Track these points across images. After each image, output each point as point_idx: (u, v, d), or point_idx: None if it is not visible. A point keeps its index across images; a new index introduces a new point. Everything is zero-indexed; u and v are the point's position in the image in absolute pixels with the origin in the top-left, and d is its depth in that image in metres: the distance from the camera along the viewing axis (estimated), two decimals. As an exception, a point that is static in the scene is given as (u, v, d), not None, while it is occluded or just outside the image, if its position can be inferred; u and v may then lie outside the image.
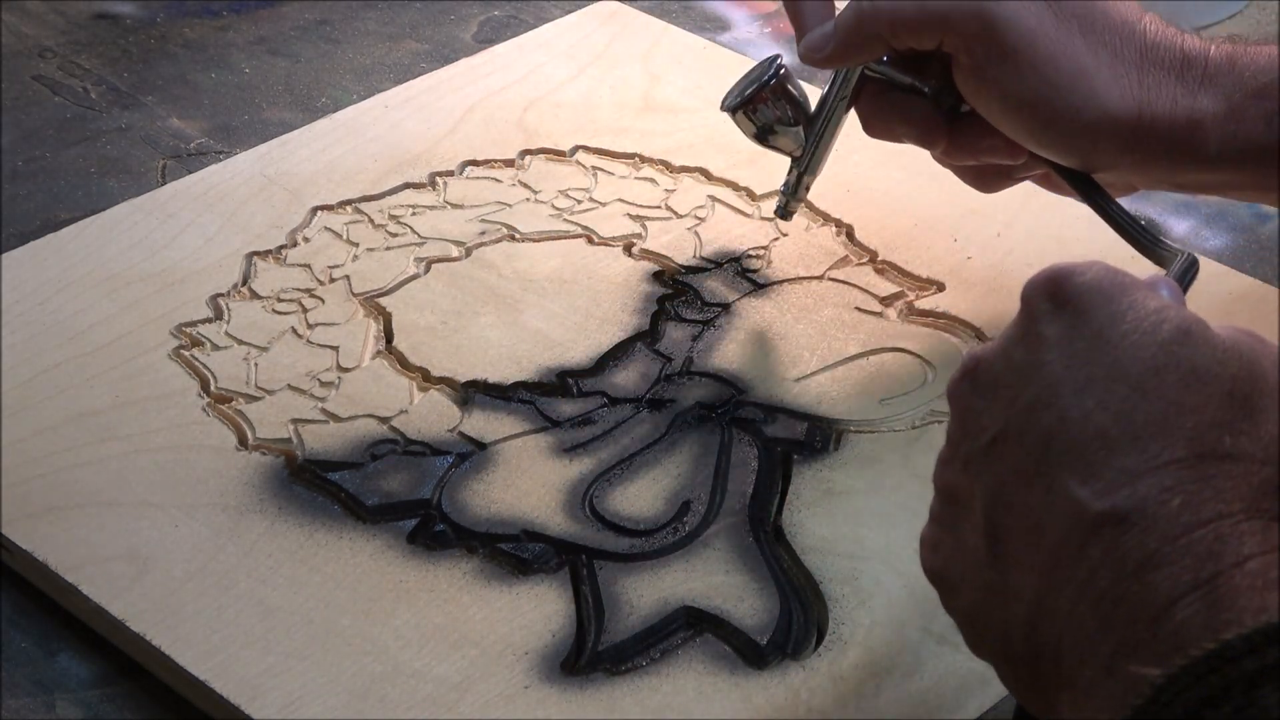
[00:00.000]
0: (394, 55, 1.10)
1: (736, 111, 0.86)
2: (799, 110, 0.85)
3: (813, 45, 0.83)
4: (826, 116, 0.86)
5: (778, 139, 0.86)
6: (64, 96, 1.07)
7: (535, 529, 0.77)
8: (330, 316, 0.87)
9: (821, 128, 0.86)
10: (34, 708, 0.72)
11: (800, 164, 0.87)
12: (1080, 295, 0.59)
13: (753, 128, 0.86)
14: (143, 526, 0.76)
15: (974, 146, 0.83)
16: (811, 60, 0.83)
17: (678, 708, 0.70)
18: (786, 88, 0.85)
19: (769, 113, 0.85)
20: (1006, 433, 0.59)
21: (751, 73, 0.86)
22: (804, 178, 0.88)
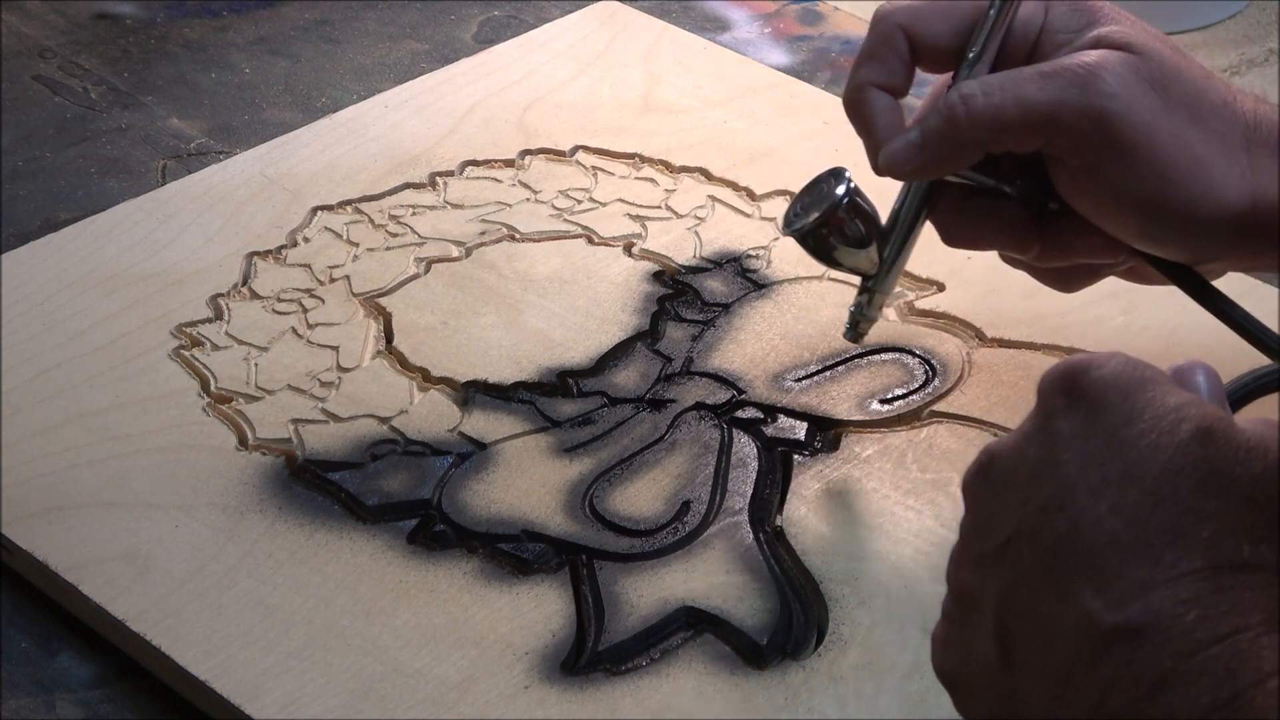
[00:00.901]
0: (394, 55, 1.10)
1: (806, 236, 0.77)
2: (872, 227, 0.77)
3: (898, 159, 0.74)
4: (901, 231, 0.78)
5: (850, 260, 0.77)
6: (64, 96, 1.07)
7: (535, 529, 0.77)
8: (330, 316, 0.87)
9: (896, 244, 0.78)
10: (34, 708, 0.72)
11: (874, 283, 0.78)
12: (1096, 391, 0.56)
13: (823, 251, 0.77)
14: (143, 526, 0.76)
15: (1068, 247, 0.76)
16: (898, 174, 0.75)
17: (678, 708, 0.70)
18: (858, 204, 0.76)
19: (841, 234, 0.76)
20: (1019, 534, 0.56)
21: (815, 189, 0.77)
22: (877, 297, 0.79)
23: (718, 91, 1.03)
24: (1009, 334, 0.86)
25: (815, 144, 0.98)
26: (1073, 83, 0.71)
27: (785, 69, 1.07)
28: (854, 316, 0.80)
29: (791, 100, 1.02)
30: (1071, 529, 0.55)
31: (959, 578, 0.60)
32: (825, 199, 0.76)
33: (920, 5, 0.76)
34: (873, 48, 0.76)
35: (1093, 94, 0.71)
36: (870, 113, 0.76)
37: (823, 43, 1.11)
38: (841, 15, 1.14)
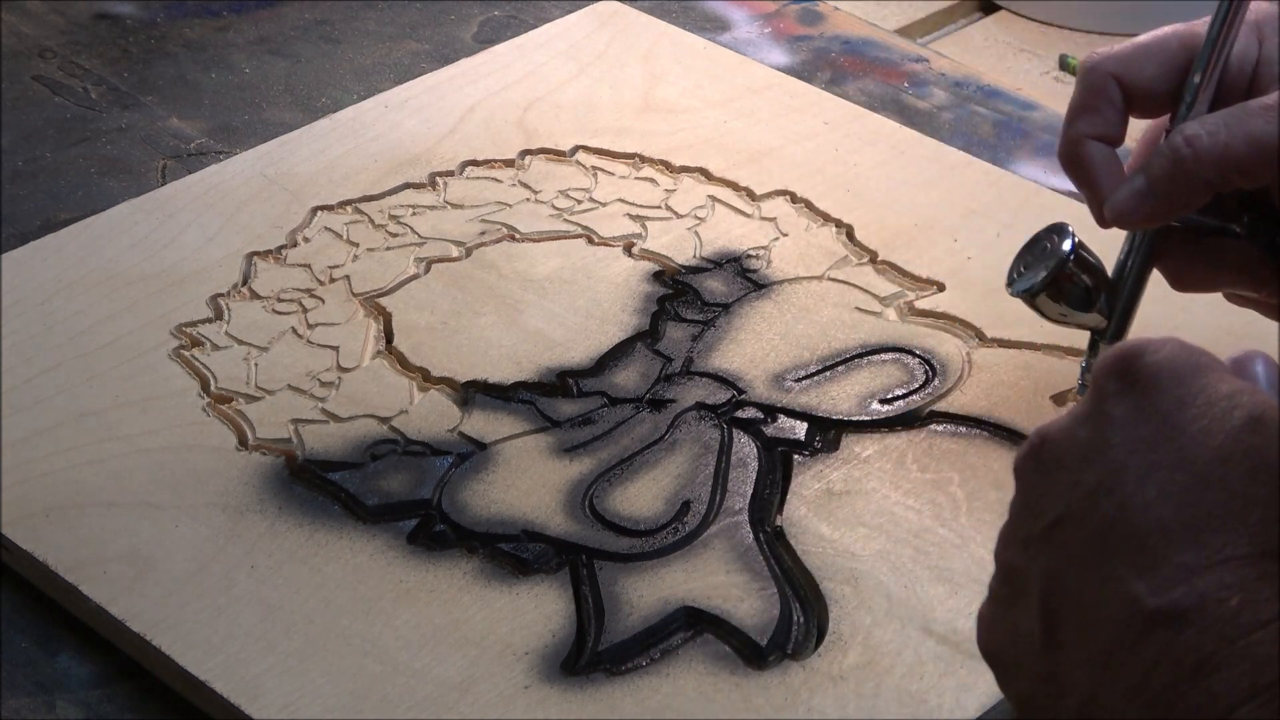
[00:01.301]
0: (394, 55, 1.10)
1: (1036, 295, 0.76)
2: (1099, 279, 0.76)
3: (1125, 209, 0.73)
4: (1130, 282, 0.76)
5: (1079, 316, 0.76)
6: (64, 96, 1.07)
7: (535, 529, 0.77)
8: (330, 316, 0.87)
9: (1125, 292, 0.76)
10: (34, 708, 0.72)
11: (1105, 335, 0.77)
12: (1150, 375, 0.56)
13: (1056, 309, 0.76)
14: (143, 526, 0.76)
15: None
16: (1126, 224, 0.74)
17: (678, 708, 0.70)
18: (1084, 258, 0.75)
19: (1070, 290, 0.75)
20: (1067, 516, 0.57)
21: (1037, 246, 0.77)
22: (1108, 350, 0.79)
23: (718, 91, 1.03)
24: (1009, 334, 0.86)
25: (815, 144, 0.98)
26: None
27: (785, 69, 1.07)
28: (1086, 375, 0.79)
29: (791, 100, 1.02)
30: (1119, 512, 0.55)
31: (1006, 557, 0.60)
32: (1051, 255, 0.76)
33: (1128, 51, 0.75)
34: (1085, 99, 0.75)
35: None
36: (1090, 165, 0.75)
37: (823, 43, 1.11)
38: (841, 15, 1.14)
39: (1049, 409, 0.82)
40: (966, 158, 0.98)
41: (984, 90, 1.07)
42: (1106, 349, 0.74)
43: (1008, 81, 1.08)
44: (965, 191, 0.95)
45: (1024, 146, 1.02)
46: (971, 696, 0.70)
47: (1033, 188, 0.96)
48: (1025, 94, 1.06)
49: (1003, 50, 1.21)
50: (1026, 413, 0.82)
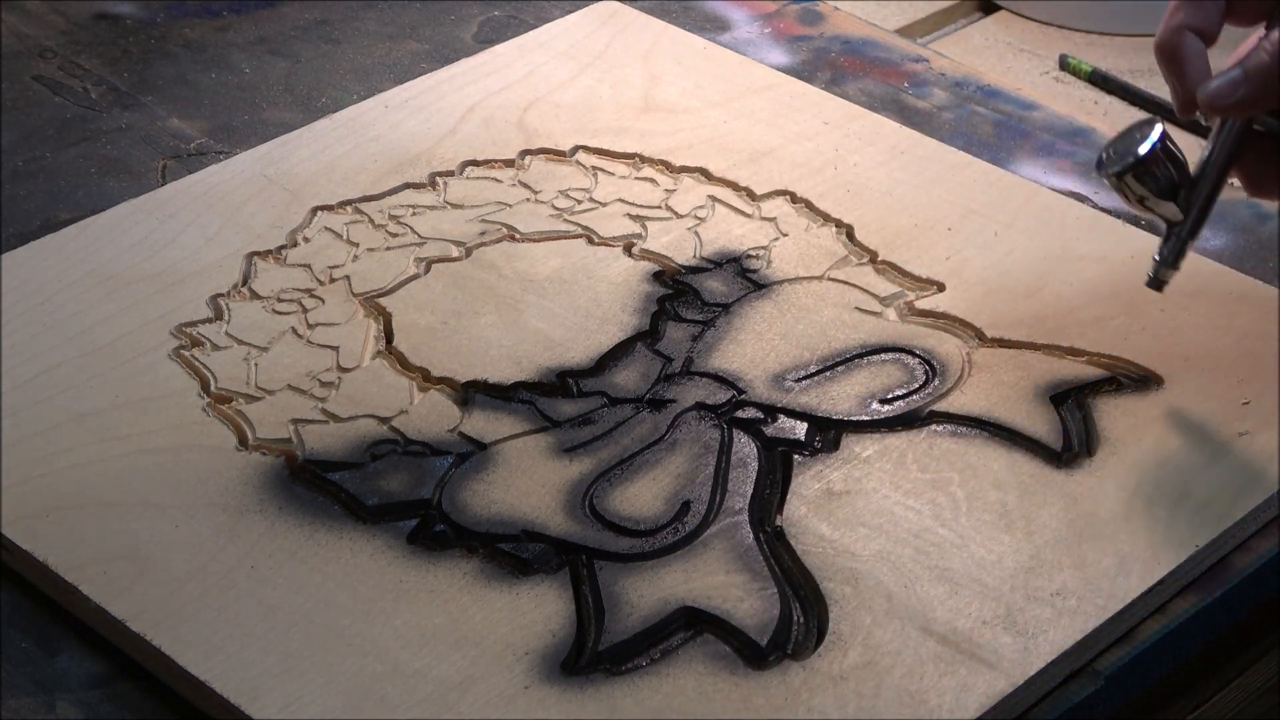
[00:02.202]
0: (394, 55, 1.10)
1: (1123, 176, 0.80)
2: (1183, 173, 0.80)
3: (1220, 93, 0.77)
4: (1209, 177, 0.80)
5: (1161, 204, 0.80)
6: (64, 96, 1.07)
7: (535, 529, 0.77)
8: (330, 316, 0.87)
9: (1204, 190, 0.80)
10: (34, 708, 0.72)
11: (1182, 229, 0.81)
12: None
13: (1136, 193, 0.80)
14: (143, 526, 0.76)
15: None
16: (1217, 109, 0.78)
17: (678, 708, 0.70)
18: (1170, 149, 0.80)
19: (1154, 179, 0.80)
20: None
21: (1129, 135, 0.81)
22: (1185, 244, 0.81)
23: (718, 91, 1.03)
24: (1009, 334, 0.86)
25: (815, 144, 0.98)
26: None
27: (785, 69, 1.07)
28: (1158, 265, 0.82)
29: (791, 100, 1.02)
30: None
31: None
32: (1139, 144, 0.79)
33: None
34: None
35: None
36: (1184, 55, 0.79)
37: (823, 43, 1.11)
38: (841, 15, 1.14)
39: (1049, 409, 0.82)
40: (966, 158, 0.98)
41: (984, 90, 1.07)
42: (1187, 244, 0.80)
43: (1008, 81, 1.08)
44: (965, 191, 0.95)
45: (1024, 146, 1.02)
46: (971, 696, 0.70)
47: (1033, 188, 0.96)
48: (1025, 94, 1.06)
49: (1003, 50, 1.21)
50: (1026, 413, 0.82)
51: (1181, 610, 0.76)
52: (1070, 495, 0.78)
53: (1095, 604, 0.73)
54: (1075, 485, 0.79)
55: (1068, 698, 0.72)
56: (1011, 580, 0.74)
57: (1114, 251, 0.91)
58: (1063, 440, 0.80)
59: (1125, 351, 0.85)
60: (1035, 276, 0.89)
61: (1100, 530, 0.76)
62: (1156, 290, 0.83)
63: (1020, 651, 0.71)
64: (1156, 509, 0.77)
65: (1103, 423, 0.81)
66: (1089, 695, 0.73)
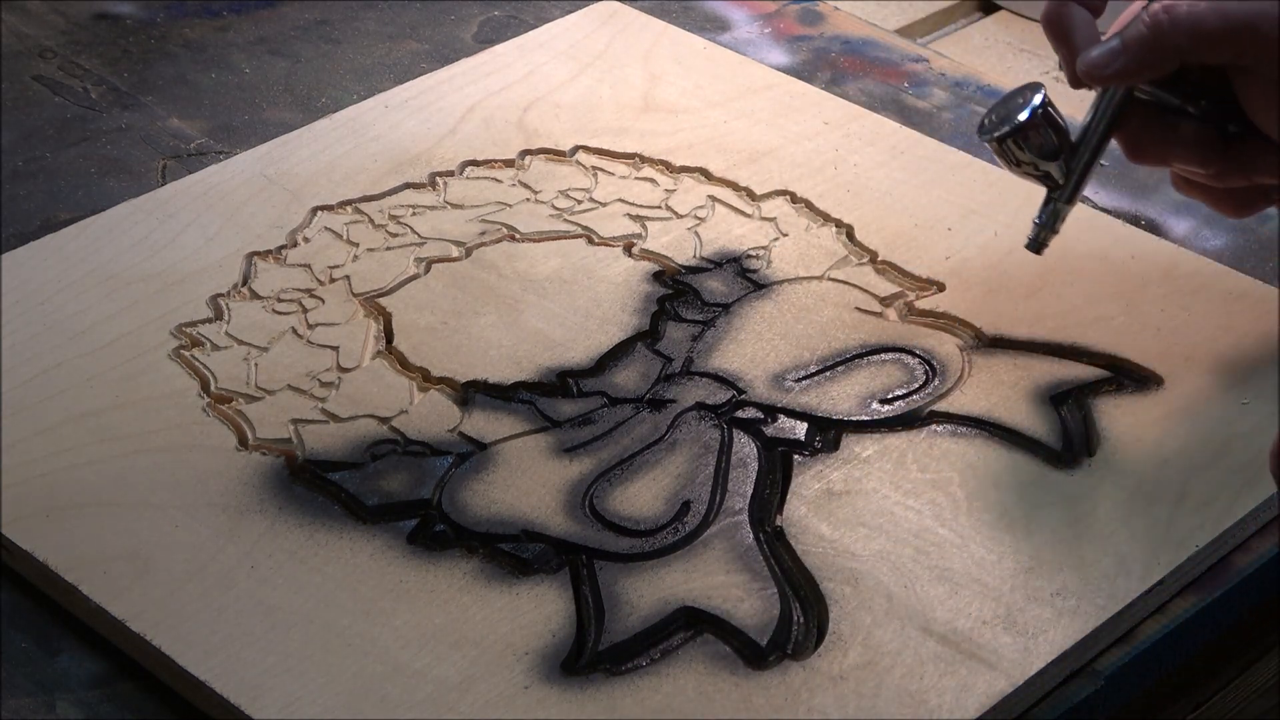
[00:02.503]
0: (394, 55, 1.10)
1: (1004, 141, 0.81)
2: (1063, 139, 0.81)
3: (1097, 63, 0.79)
4: (1090, 144, 0.81)
5: (1041, 169, 0.82)
6: (64, 96, 1.07)
7: (535, 529, 0.77)
8: (330, 316, 0.87)
9: (1085, 156, 0.81)
10: (34, 708, 0.72)
11: (1061, 194, 0.82)
12: None
13: (1016, 158, 0.81)
14: (143, 526, 0.76)
15: (1248, 166, 0.80)
16: (1095, 78, 0.79)
17: (678, 708, 0.70)
18: (1052, 115, 0.81)
19: (1036, 141, 0.80)
20: None
21: (1011, 99, 0.82)
22: (1063, 208, 0.83)
23: (718, 91, 1.03)
24: (1009, 334, 0.86)
25: (815, 144, 0.98)
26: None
27: (785, 69, 1.07)
28: (1039, 228, 0.83)
29: (791, 100, 1.02)
30: None
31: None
32: (1021, 108, 0.80)
33: None
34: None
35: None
36: (1070, 25, 0.80)
37: (823, 43, 1.11)
38: (841, 15, 1.14)
39: (1049, 409, 0.82)
40: (966, 158, 0.98)
41: (984, 90, 1.07)
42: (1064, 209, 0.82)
43: (1008, 81, 1.08)
44: (965, 191, 0.95)
45: (1024, 146, 1.02)
46: (971, 696, 0.70)
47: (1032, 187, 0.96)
48: (1025, 94, 1.06)
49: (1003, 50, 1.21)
50: (1026, 413, 0.82)
51: (1181, 610, 0.76)
52: (1070, 495, 0.78)
53: (1095, 604, 0.73)
54: (1075, 485, 0.79)
55: (1068, 698, 0.72)
56: (1011, 580, 0.74)
57: (1114, 251, 0.91)
58: (1063, 440, 0.80)
59: (1125, 351, 0.85)
60: (1035, 276, 0.89)
61: (1100, 530, 0.76)
62: (1035, 253, 0.84)
63: (1020, 651, 0.71)
64: (1156, 509, 0.77)
65: (1103, 423, 0.81)
66: (1089, 695, 0.73)
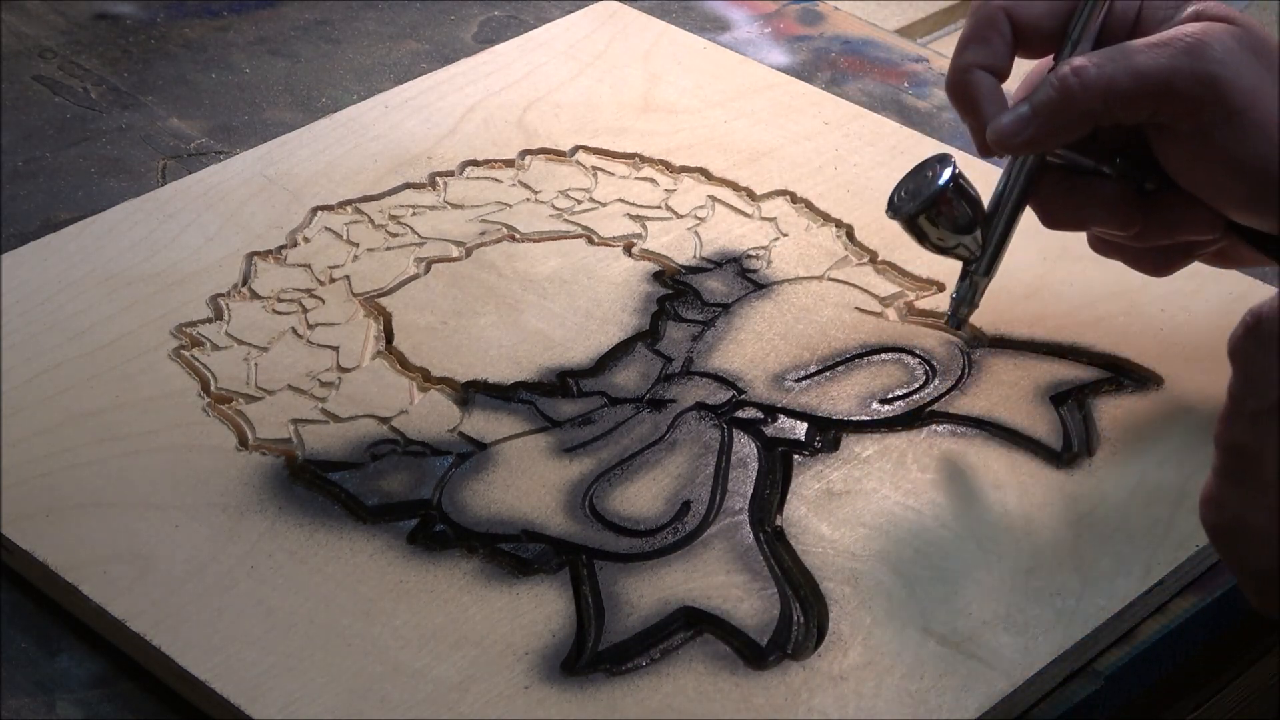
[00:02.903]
0: (394, 55, 1.10)
1: (915, 218, 0.79)
2: (977, 210, 0.79)
3: (1007, 131, 0.76)
4: (1004, 213, 0.79)
5: (955, 243, 0.79)
6: (64, 96, 1.07)
7: (535, 529, 0.77)
8: (330, 316, 0.87)
9: (1000, 226, 0.80)
10: (34, 708, 0.72)
11: (978, 268, 0.81)
12: None
13: (929, 234, 0.79)
14: (143, 526, 0.76)
15: (1170, 224, 0.78)
16: (1007, 149, 0.77)
17: (678, 708, 0.70)
18: (963, 188, 0.78)
19: (947, 218, 0.78)
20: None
21: (920, 173, 0.79)
22: (980, 281, 0.81)
23: (718, 91, 1.03)
24: (1009, 334, 0.86)
25: (815, 144, 0.98)
26: (1183, 51, 0.74)
27: (785, 69, 1.07)
28: (956, 303, 0.82)
29: (791, 100, 1.02)
30: None
31: (1232, 436, 0.64)
32: (931, 182, 0.78)
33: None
34: (976, 31, 0.79)
35: (1204, 60, 0.74)
36: (976, 94, 0.78)
37: (823, 43, 1.11)
38: (841, 15, 1.14)
39: (1049, 409, 0.82)
40: (966, 158, 0.98)
41: (984, 90, 1.06)
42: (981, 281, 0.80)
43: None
44: (965, 191, 0.95)
45: (1024, 146, 1.02)
46: (971, 696, 0.70)
47: (1033, 188, 0.96)
48: (1025, 94, 1.06)
49: (1003, 50, 1.21)
50: (1026, 413, 0.82)
51: (1181, 610, 0.76)
52: (1070, 495, 0.78)
53: (1095, 604, 0.73)
54: (1075, 485, 0.79)
55: (1068, 698, 0.72)
56: (1011, 580, 0.74)
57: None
58: (1063, 440, 0.80)
59: (1125, 351, 0.85)
60: (1035, 276, 0.89)
61: (1100, 530, 0.76)
62: (956, 329, 0.83)
63: (1020, 651, 0.71)
64: (1156, 509, 0.77)
65: (1103, 423, 0.81)
66: (1089, 695, 0.73)
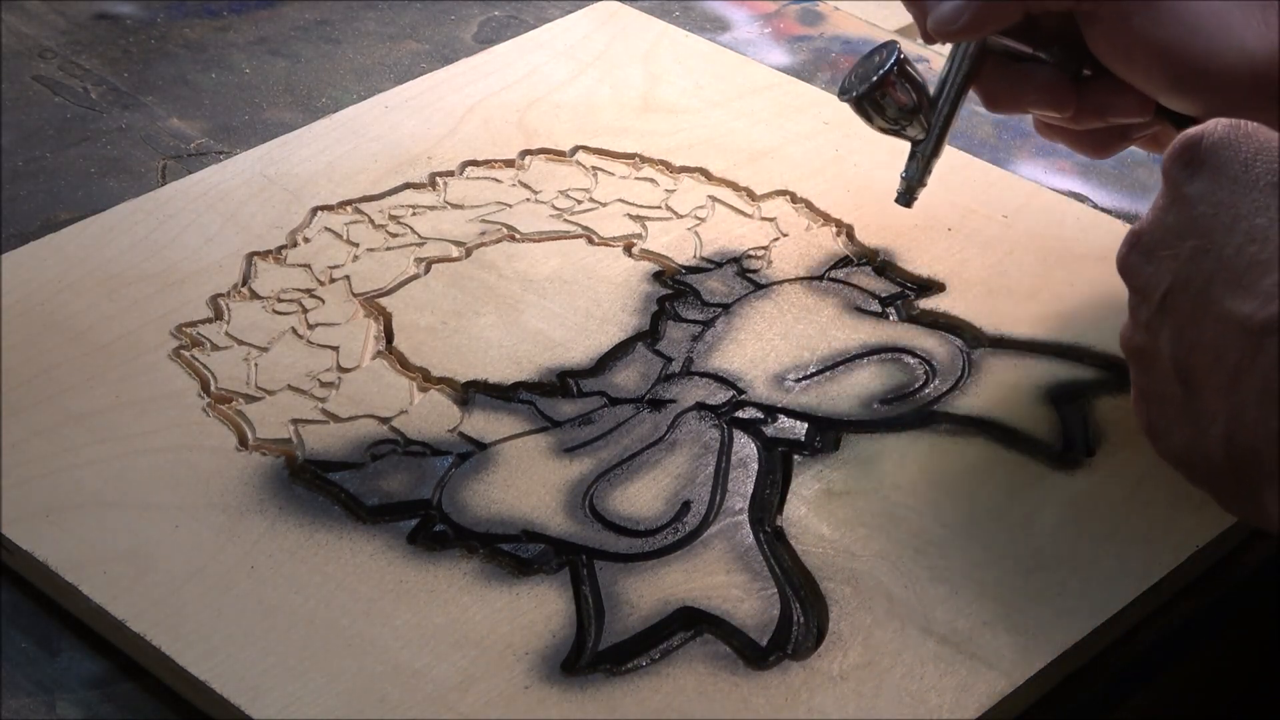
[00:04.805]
0: (394, 55, 1.10)
1: (861, 101, 0.83)
2: (922, 94, 0.84)
3: (945, 18, 0.80)
4: (949, 97, 0.84)
5: (902, 125, 0.84)
6: (64, 96, 1.07)
7: (535, 529, 0.77)
8: (330, 317, 0.87)
9: (944, 109, 0.84)
10: (34, 708, 0.72)
11: (925, 148, 0.86)
12: (1212, 153, 0.68)
13: (876, 116, 0.84)
14: (143, 526, 0.76)
15: (1102, 108, 0.82)
16: (944, 34, 0.81)
17: (678, 708, 0.70)
18: (908, 71, 0.83)
19: (894, 99, 0.83)
20: (1175, 284, 0.68)
21: (868, 59, 0.84)
22: (929, 162, 0.86)
23: (718, 91, 1.03)
24: (1009, 334, 0.86)
25: (815, 144, 0.98)
26: None
27: (785, 69, 1.07)
28: (907, 183, 0.87)
29: (791, 100, 1.02)
30: (1217, 263, 0.67)
31: (1134, 344, 0.71)
32: (878, 67, 0.83)
33: None
34: None
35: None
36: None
37: (823, 43, 1.11)
38: (841, 15, 1.14)
39: (1049, 409, 0.82)
40: (967, 158, 0.98)
41: (984, 90, 1.06)
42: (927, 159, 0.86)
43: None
44: (965, 191, 0.95)
45: (1024, 146, 1.02)
46: (971, 696, 0.70)
47: (1033, 188, 0.96)
48: (1025, 94, 1.06)
49: (1003, 50, 1.21)
50: (1026, 413, 0.82)
51: (1182, 610, 0.76)
52: (1070, 495, 0.78)
53: (1095, 604, 0.73)
54: (1075, 485, 0.79)
55: (1068, 698, 0.72)
56: (1011, 580, 0.74)
57: (1114, 251, 0.90)
58: (1063, 440, 0.80)
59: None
60: (1035, 276, 0.89)
61: (1100, 530, 0.76)
62: (906, 206, 0.87)
63: (1020, 651, 0.71)
64: (1156, 509, 0.77)
65: (1103, 423, 0.81)
66: (1089, 695, 0.73)
